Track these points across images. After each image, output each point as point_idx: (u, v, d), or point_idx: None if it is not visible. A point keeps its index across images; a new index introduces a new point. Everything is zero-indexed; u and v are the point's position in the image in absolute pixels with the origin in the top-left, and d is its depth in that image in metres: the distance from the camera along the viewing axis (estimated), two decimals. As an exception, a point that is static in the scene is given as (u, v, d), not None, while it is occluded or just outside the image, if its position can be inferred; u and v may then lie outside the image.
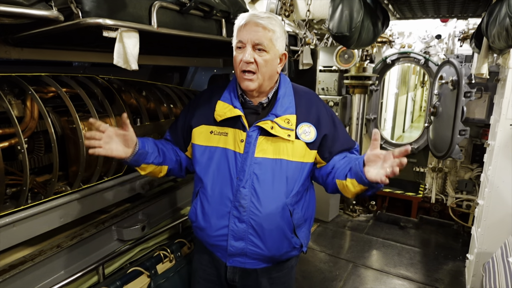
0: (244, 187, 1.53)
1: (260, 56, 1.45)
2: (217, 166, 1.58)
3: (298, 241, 1.64)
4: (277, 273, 1.70)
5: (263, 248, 1.57)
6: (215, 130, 1.60)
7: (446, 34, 4.95)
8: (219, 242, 1.61)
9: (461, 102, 3.79)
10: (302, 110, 1.59)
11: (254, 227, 1.55)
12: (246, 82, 1.49)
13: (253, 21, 1.43)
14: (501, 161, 2.76)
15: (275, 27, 1.46)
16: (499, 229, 2.79)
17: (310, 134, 1.56)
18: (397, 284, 3.54)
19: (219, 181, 1.58)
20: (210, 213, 1.60)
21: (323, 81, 5.28)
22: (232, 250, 1.59)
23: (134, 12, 1.30)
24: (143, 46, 1.35)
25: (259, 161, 1.53)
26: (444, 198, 5.29)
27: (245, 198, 1.53)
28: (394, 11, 2.97)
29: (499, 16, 1.87)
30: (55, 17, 1.14)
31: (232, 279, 1.68)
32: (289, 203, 1.56)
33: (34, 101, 1.60)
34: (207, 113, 1.63)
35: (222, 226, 1.58)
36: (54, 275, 1.63)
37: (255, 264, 1.64)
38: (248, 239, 1.56)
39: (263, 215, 1.53)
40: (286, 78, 1.67)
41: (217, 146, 1.59)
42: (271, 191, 1.54)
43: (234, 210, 1.55)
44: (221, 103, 1.60)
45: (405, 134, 9.71)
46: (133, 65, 1.31)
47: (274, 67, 1.53)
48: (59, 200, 1.63)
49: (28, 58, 1.71)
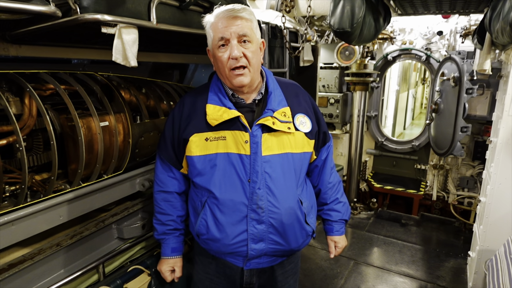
0: (260, 188, 1.48)
1: (247, 48, 1.41)
2: (223, 173, 1.49)
3: (310, 228, 1.66)
4: (289, 265, 1.73)
5: (283, 244, 1.57)
6: (211, 136, 1.49)
7: (447, 30, 4.91)
8: (238, 248, 1.54)
9: (463, 98, 3.76)
10: (293, 102, 1.60)
11: (274, 225, 1.52)
12: (239, 78, 1.42)
13: (232, 15, 1.39)
14: (503, 158, 2.74)
15: (251, 16, 1.44)
16: (501, 227, 2.78)
17: (306, 124, 1.58)
18: (398, 282, 3.53)
19: (228, 187, 1.49)
20: (225, 222, 1.50)
21: (324, 78, 5.26)
22: (253, 253, 1.54)
23: (133, 8, 1.28)
24: (142, 43, 1.34)
25: (268, 159, 1.49)
26: (445, 195, 5.28)
27: (262, 199, 1.49)
28: (396, 7, 2.95)
29: (503, 11, 1.85)
30: (53, 13, 1.12)
31: (250, 282, 1.65)
32: (299, 193, 1.59)
33: (33, 99, 1.58)
34: (197, 121, 1.52)
35: (240, 232, 1.51)
36: (54, 274, 1.63)
37: (272, 261, 1.64)
38: (268, 239, 1.54)
39: (282, 211, 1.52)
40: (268, 70, 1.65)
41: (217, 152, 1.48)
42: (284, 186, 1.53)
43: (252, 213, 1.49)
44: (212, 106, 1.50)
45: (406, 131, 9.69)
46: (132, 61, 1.30)
47: (259, 56, 1.50)
48: (59, 198, 1.61)
49: (26, 55, 1.69)
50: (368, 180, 5.68)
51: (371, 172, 5.87)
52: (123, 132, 1.89)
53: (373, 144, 5.82)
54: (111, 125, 1.82)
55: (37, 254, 1.54)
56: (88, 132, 1.70)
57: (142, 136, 2.01)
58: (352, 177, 5.32)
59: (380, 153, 5.77)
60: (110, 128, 1.81)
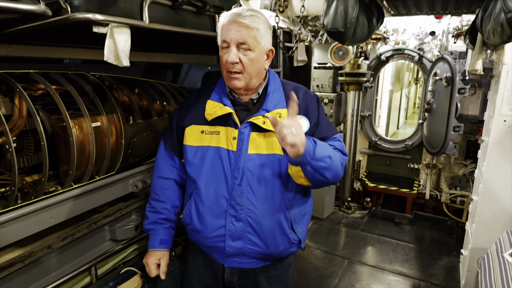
0: (240, 185, 1.51)
1: (245, 55, 1.43)
2: (211, 166, 1.55)
3: (296, 237, 1.62)
4: (275, 272, 1.68)
5: (262, 246, 1.55)
6: (206, 130, 1.57)
7: (440, 30, 4.95)
8: (216, 243, 1.58)
9: (455, 98, 3.79)
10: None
11: (252, 225, 1.52)
12: (233, 81, 1.47)
13: (236, 20, 1.40)
14: (495, 157, 2.77)
15: (258, 24, 1.43)
16: (493, 225, 2.81)
17: (302, 126, 1.51)
18: (392, 280, 3.55)
19: (214, 180, 1.55)
20: (206, 214, 1.56)
21: (318, 78, 5.27)
22: (230, 250, 1.56)
23: (125, 7, 1.27)
24: (135, 43, 1.32)
25: (253, 157, 1.51)
26: (438, 194, 5.32)
27: (241, 196, 1.51)
28: (389, 7, 2.96)
29: (494, 12, 1.87)
30: (43, 12, 1.10)
31: (230, 281, 1.65)
32: (286, 198, 1.55)
33: (23, 99, 1.56)
34: (197, 113, 1.62)
35: (219, 227, 1.55)
36: (45, 277, 1.60)
37: (253, 263, 1.62)
38: (246, 238, 1.54)
39: (261, 212, 1.51)
40: (275, 74, 1.66)
41: (209, 145, 1.56)
42: (267, 187, 1.52)
43: (230, 209, 1.52)
44: (211, 102, 1.59)
45: (399, 131, 9.76)
46: (124, 61, 1.28)
47: (261, 64, 1.50)
48: (50, 200, 1.59)
49: (16, 55, 1.66)
50: (362, 179, 5.71)
51: (365, 172, 5.90)
52: (115, 133, 1.87)
53: (367, 144, 5.86)
54: (103, 125, 1.80)
55: (28, 257, 1.52)
56: (79, 132, 1.68)
57: (135, 136, 1.99)
58: (346, 177, 5.34)
59: (374, 152, 5.80)
60: (102, 128, 1.79)
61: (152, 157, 2.29)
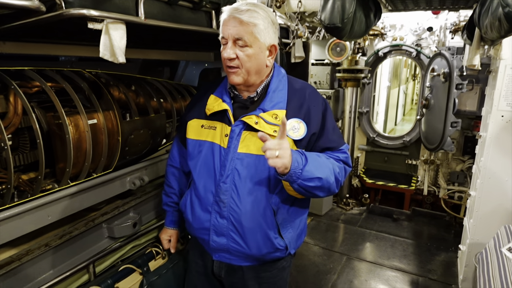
0: (225, 182, 1.51)
1: (243, 51, 1.40)
2: (204, 160, 1.58)
3: (283, 242, 1.56)
4: (264, 273, 1.65)
5: (244, 246, 1.54)
6: (205, 124, 1.60)
7: (437, 26, 4.95)
8: (202, 235, 1.62)
9: (453, 94, 3.79)
10: (294, 106, 1.51)
11: (234, 223, 1.52)
12: (232, 76, 1.46)
13: (232, 15, 1.38)
14: (492, 152, 2.77)
15: (256, 20, 1.37)
16: (491, 220, 2.82)
17: (299, 130, 1.47)
18: (390, 276, 3.56)
19: (205, 175, 1.58)
20: (196, 206, 1.62)
21: (316, 74, 5.26)
22: (214, 245, 1.58)
23: (120, 3, 1.26)
24: (132, 39, 1.31)
25: (241, 156, 1.49)
26: (436, 190, 5.34)
27: (225, 194, 1.51)
28: (386, 3, 2.95)
29: (492, 6, 1.86)
30: (36, 8, 1.09)
31: (219, 274, 1.67)
32: (272, 202, 1.51)
33: (18, 96, 1.54)
34: (200, 107, 1.64)
35: (205, 220, 1.58)
36: (43, 275, 1.59)
37: (239, 261, 1.61)
38: (229, 236, 1.54)
39: (243, 212, 1.49)
40: (281, 72, 1.59)
41: (206, 140, 1.59)
42: (253, 189, 1.49)
43: (215, 205, 1.54)
44: (213, 97, 1.60)
45: (397, 127, 9.76)
46: (120, 58, 1.27)
47: (261, 60, 1.45)
48: (46, 198, 1.58)
49: (11, 52, 1.65)
50: (360, 175, 5.72)
51: (363, 168, 5.91)
52: (112, 130, 1.86)
53: (365, 140, 5.86)
54: (100, 122, 1.79)
55: (25, 255, 1.51)
56: (76, 130, 1.67)
57: (132, 133, 1.98)
58: (344, 173, 5.34)
59: (372, 149, 5.81)
60: (98, 126, 1.78)
61: (149, 154, 2.28)
